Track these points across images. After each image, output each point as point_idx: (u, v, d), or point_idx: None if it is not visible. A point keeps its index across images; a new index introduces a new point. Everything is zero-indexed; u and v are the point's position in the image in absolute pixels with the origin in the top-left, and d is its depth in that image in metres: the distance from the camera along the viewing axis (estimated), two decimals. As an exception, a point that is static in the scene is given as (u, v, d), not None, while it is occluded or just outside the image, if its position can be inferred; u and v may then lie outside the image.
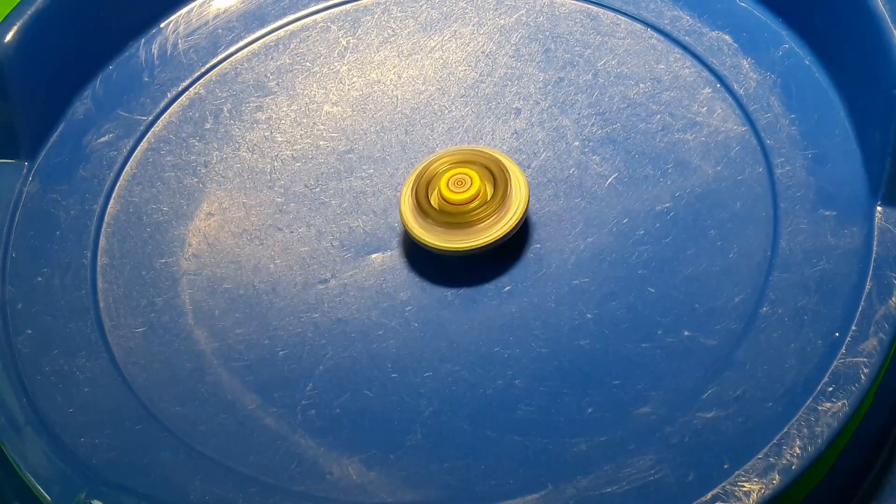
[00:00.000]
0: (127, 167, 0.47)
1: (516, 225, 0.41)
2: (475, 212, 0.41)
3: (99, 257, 0.44)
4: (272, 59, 0.49)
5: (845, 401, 0.36)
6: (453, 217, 0.41)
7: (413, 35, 0.49)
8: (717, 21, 0.47)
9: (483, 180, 0.42)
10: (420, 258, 0.43)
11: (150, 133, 0.48)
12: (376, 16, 0.50)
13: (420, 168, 0.43)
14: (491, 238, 0.41)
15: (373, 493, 0.37)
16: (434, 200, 0.42)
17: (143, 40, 0.50)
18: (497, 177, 0.42)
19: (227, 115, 0.48)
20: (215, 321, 0.42)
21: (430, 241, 0.41)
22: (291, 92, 0.48)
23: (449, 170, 0.42)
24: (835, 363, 0.37)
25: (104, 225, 0.45)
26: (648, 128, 0.45)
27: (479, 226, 0.41)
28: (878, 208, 0.40)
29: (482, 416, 0.39)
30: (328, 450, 0.39)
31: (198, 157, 0.47)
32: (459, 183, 0.42)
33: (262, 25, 0.50)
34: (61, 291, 0.43)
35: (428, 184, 0.42)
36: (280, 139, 0.47)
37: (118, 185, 0.46)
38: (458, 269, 0.42)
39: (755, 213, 0.42)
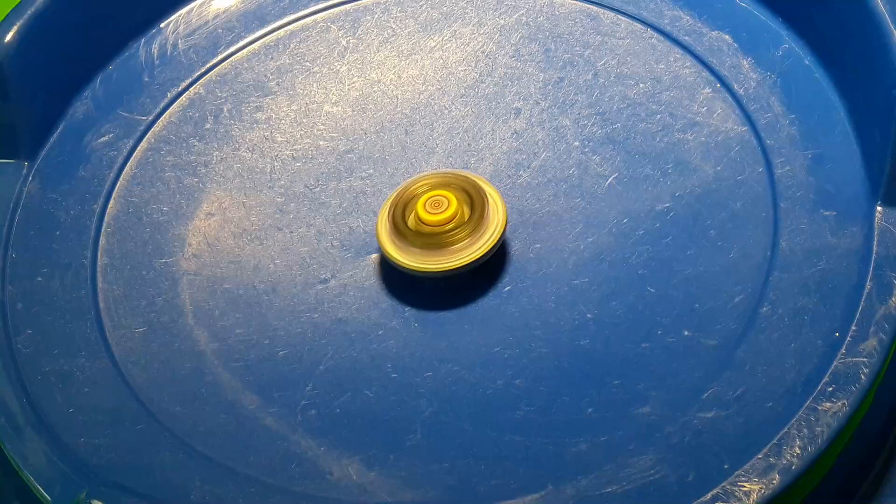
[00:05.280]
0: (127, 167, 0.47)
1: (494, 246, 0.41)
2: (451, 233, 0.41)
3: (99, 257, 0.44)
4: (272, 59, 0.49)
5: (845, 401, 0.36)
6: (429, 238, 0.41)
7: (413, 35, 0.49)
8: (717, 21, 0.47)
9: (460, 203, 0.42)
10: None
11: (150, 133, 0.48)
12: (376, 16, 0.50)
13: (398, 191, 0.43)
14: (467, 259, 0.41)
15: (373, 493, 0.37)
16: (411, 222, 0.42)
17: (143, 40, 0.50)
18: (475, 199, 0.42)
19: (227, 115, 0.48)
20: (215, 321, 0.42)
21: (405, 262, 0.41)
22: (291, 92, 0.48)
23: (427, 192, 0.42)
24: (835, 363, 0.37)
25: (104, 225, 0.45)
26: (648, 128, 0.45)
27: (455, 247, 0.41)
28: (878, 208, 0.40)
29: (482, 416, 0.39)
30: (328, 450, 0.39)
31: (198, 157, 0.47)
32: (436, 205, 0.42)
33: (262, 25, 0.50)
34: (61, 291, 0.43)
35: (405, 206, 0.42)
36: (280, 139, 0.47)
37: (118, 185, 0.46)
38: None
39: (755, 213, 0.42)
